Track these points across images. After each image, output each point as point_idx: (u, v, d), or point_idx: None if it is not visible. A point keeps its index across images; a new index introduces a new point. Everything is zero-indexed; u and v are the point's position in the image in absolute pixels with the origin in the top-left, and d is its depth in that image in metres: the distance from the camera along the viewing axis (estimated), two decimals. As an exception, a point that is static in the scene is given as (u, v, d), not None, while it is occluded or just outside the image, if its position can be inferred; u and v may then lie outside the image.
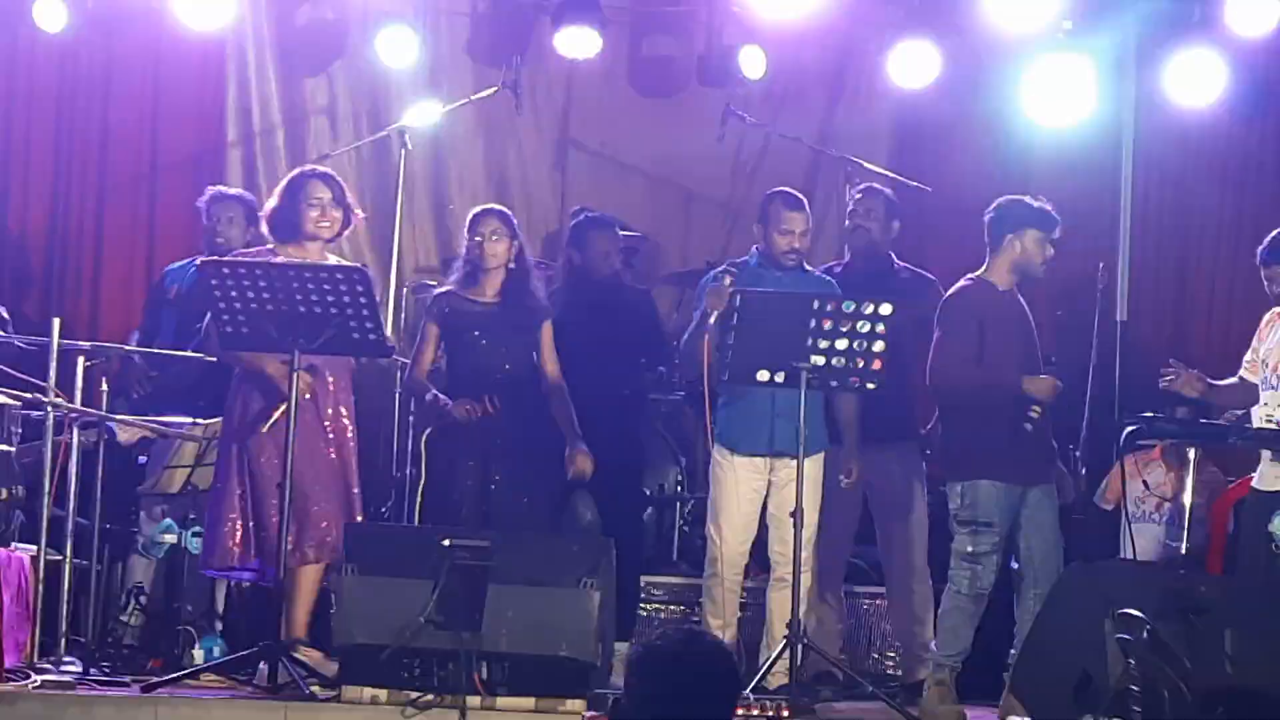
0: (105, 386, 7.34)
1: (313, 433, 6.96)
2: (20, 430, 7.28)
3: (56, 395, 6.94)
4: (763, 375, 7.03)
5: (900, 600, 7.92)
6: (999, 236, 7.36)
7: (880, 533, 7.96)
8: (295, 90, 9.66)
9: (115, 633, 7.63)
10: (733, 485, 7.45)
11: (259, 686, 6.63)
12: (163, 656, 7.34)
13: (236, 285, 6.64)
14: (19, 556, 7.04)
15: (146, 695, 6.51)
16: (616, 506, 7.95)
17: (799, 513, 6.99)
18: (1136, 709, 5.79)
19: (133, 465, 7.86)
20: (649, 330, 8.13)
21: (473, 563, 6.37)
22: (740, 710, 6.40)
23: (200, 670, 6.84)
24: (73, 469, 7.05)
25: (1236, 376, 7.11)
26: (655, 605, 8.36)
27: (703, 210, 9.76)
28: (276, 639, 6.64)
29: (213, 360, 7.35)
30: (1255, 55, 9.35)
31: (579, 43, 9.24)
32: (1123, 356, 8.93)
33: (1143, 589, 6.16)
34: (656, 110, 9.84)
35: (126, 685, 6.75)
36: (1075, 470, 7.74)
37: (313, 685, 6.58)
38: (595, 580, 6.43)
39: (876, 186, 8.21)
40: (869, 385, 7.05)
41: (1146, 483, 8.56)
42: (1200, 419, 7.37)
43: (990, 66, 9.42)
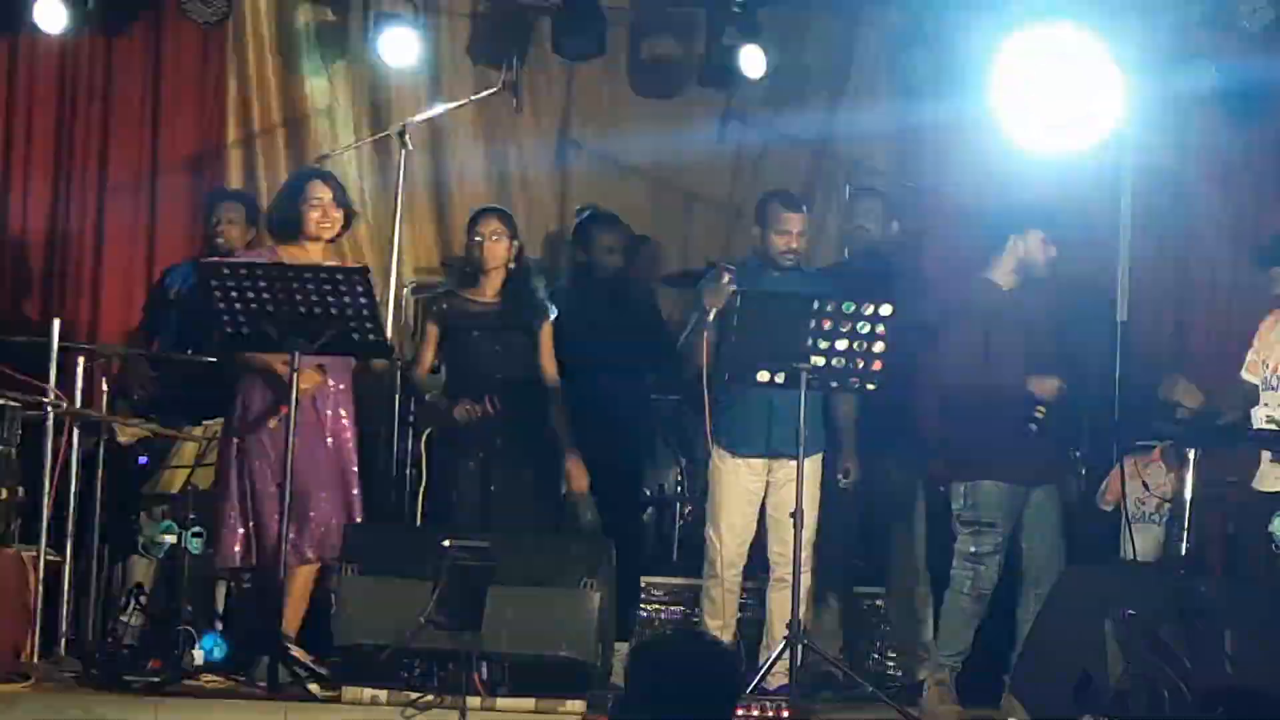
0: (105, 387, 7.34)
1: (312, 433, 6.97)
2: (21, 431, 7.28)
3: (57, 396, 6.94)
4: (763, 375, 7.03)
5: (900, 601, 7.92)
6: (1002, 237, 7.36)
7: (880, 533, 7.96)
8: (296, 90, 9.66)
9: (115, 633, 7.62)
10: (731, 486, 7.45)
11: (259, 686, 6.64)
12: (163, 657, 7.34)
13: (237, 286, 6.65)
14: (19, 557, 7.05)
15: (147, 695, 6.51)
16: (617, 507, 7.95)
17: (799, 513, 6.99)
18: (1137, 709, 5.79)
19: (133, 465, 7.86)
20: (653, 329, 8.13)
21: (473, 563, 6.37)
22: (740, 710, 6.40)
23: (200, 670, 6.84)
24: (73, 470, 7.05)
25: (1236, 380, 7.11)
26: (655, 606, 8.34)
27: (703, 211, 9.74)
28: (277, 639, 6.64)
29: (213, 361, 7.35)
30: (1255, 55, 9.33)
31: (580, 43, 9.24)
32: (1124, 356, 8.92)
33: (1143, 590, 6.17)
34: (657, 111, 9.82)
35: (127, 685, 6.75)
36: (1075, 471, 7.73)
37: (311, 685, 6.59)
38: (595, 581, 6.45)
39: (875, 188, 8.21)
40: (869, 386, 7.05)
41: (1146, 483, 8.55)
42: (1200, 420, 7.38)
43: (990, 67, 9.40)
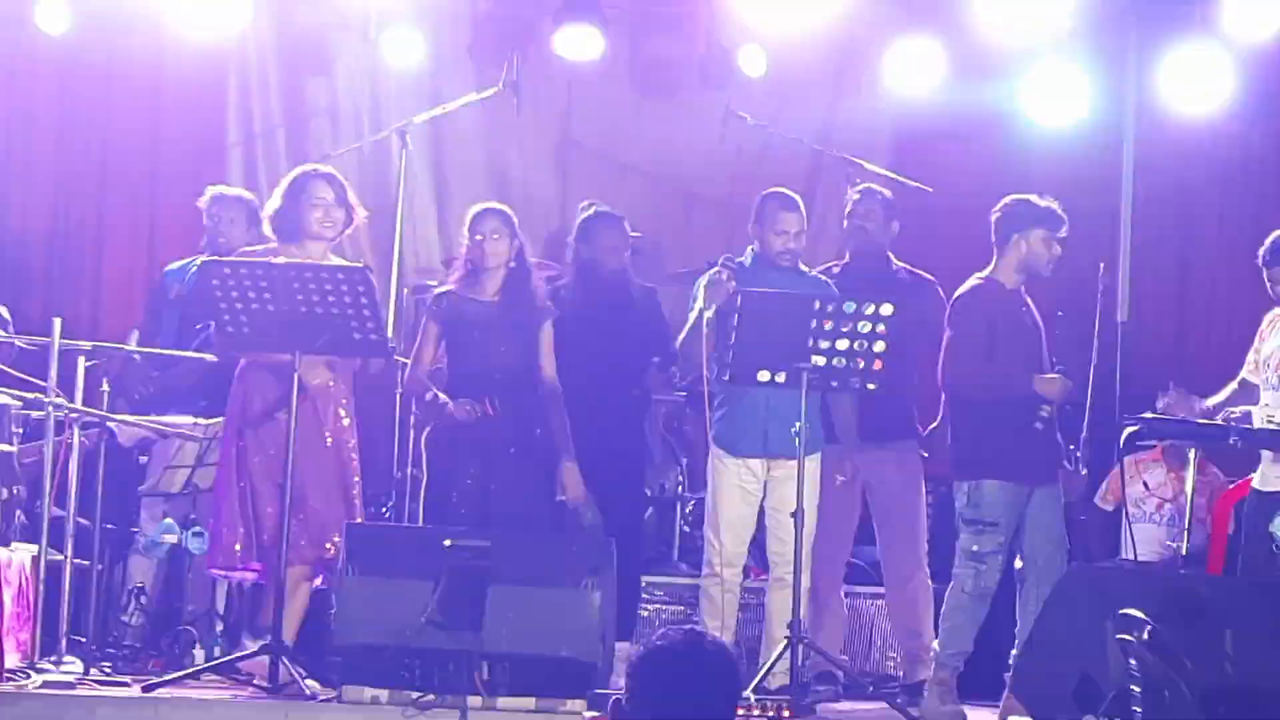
0: (106, 387, 7.34)
1: (313, 432, 6.96)
2: (21, 430, 7.28)
3: (57, 395, 6.94)
4: (763, 375, 7.03)
5: (900, 600, 7.92)
6: (1005, 236, 7.36)
7: (879, 533, 7.96)
8: (296, 90, 9.66)
9: (116, 633, 7.63)
10: (729, 486, 7.45)
11: (260, 687, 6.64)
12: (163, 656, 7.36)
13: (238, 285, 6.65)
14: (20, 556, 7.05)
15: (147, 695, 6.51)
16: (618, 506, 7.95)
17: (799, 513, 6.99)
18: (1137, 709, 5.79)
19: (133, 465, 7.86)
20: (655, 328, 8.12)
21: (473, 563, 6.37)
22: (741, 710, 6.39)
23: (201, 670, 6.84)
24: (73, 469, 7.05)
25: (1237, 379, 7.11)
26: (656, 605, 8.36)
27: (703, 210, 9.75)
28: (278, 639, 6.64)
29: (213, 360, 7.35)
30: (1255, 57, 9.34)
31: (580, 43, 9.24)
32: (1123, 357, 8.93)
33: (1143, 589, 6.15)
34: (657, 110, 9.83)
35: (127, 685, 6.75)
36: (1076, 470, 7.72)
37: (310, 682, 6.60)
38: (596, 580, 6.43)
39: (875, 187, 8.20)
40: (870, 386, 7.05)
41: (1147, 483, 8.57)
42: (1200, 420, 7.37)
43: (991, 67, 9.42)
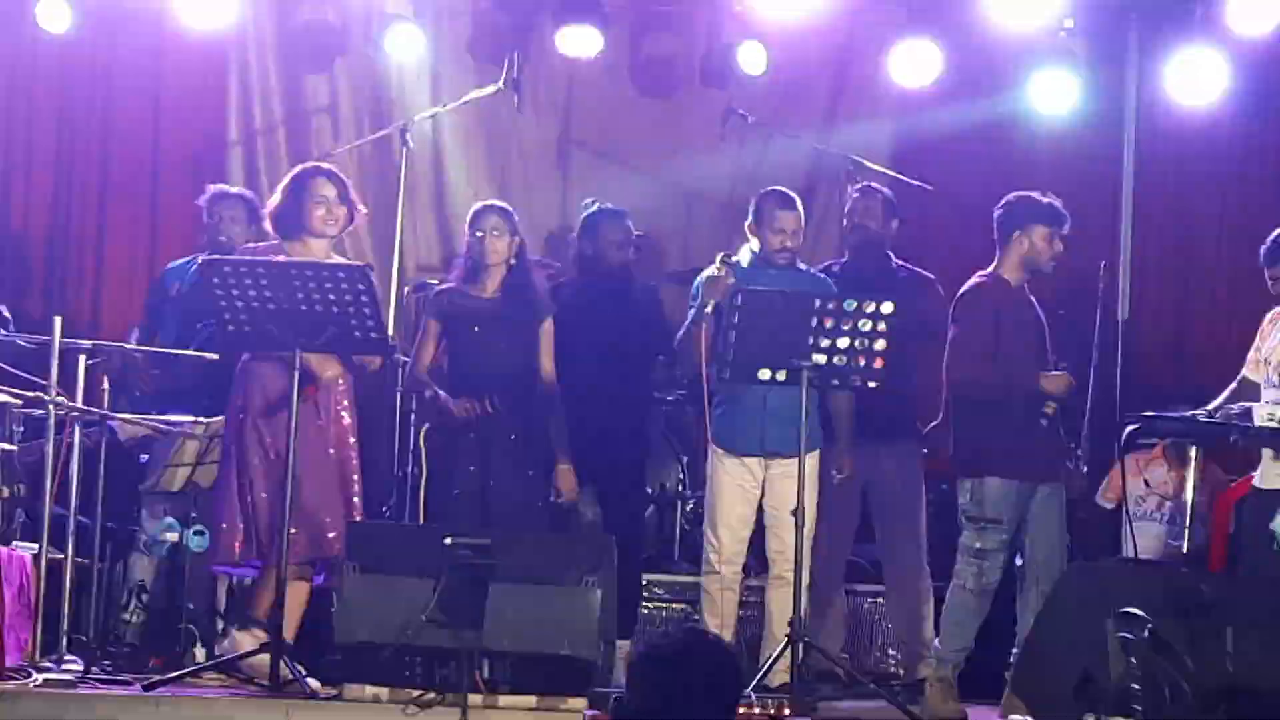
0: (107, 385, 7.34)
1: (313, 429, 6.94)
2: (22, 429, 7.28)
3: (58, 394, 6.94)
4: (764, 374, 7.03)
5: (900, 598, 7.92)
6: (1007, 233, 7.36)
7: (879, 531, 7.96)
8: (297, 89, 9.66)
9: (117, 631, 7.63)
10: (727, 485, 7.45)
11: (261, 685, 6.64)
12: (164, 655, 7.35)
13: (238, 284, 6.65)
14: (21, 555, 7.05)
15: (148, 693, 6.51)
16: (618, 504, 7.95)
17: (800, 511, 6.98)
18: (1138, 708, 5.79)
19: (134, 464, 7.86)
20: (657, 325, 8.12)
21: (474, 561, 6.37)
22: (742, 709, 6.39)
23: (202, 668, 6.84)
24: (74, 467, 7.05)
25: (1238, 378, 7.10)
26: (657, 603, 8.36)
27: (704, 209, 9.74)
28: (278, 637, 6.64)
29: (214, 358, 7.35)
30: (1256, 54, 9.34)
31: (580, 41, 9.24)
32: (1124, 355, 8.93)
33: (1144, 587, 6.15)
34: (658, 109, 9.82)
35: (128, 683, 6.74)
36: (1077, 468, 7.72)
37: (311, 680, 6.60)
38: (597, 578, 6.43)
39: (875, 185, 8.20)
40: (871, 384, 7.04)
41: (1148, 481, 8.56)
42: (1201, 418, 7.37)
43: (991, 65, 9.42)
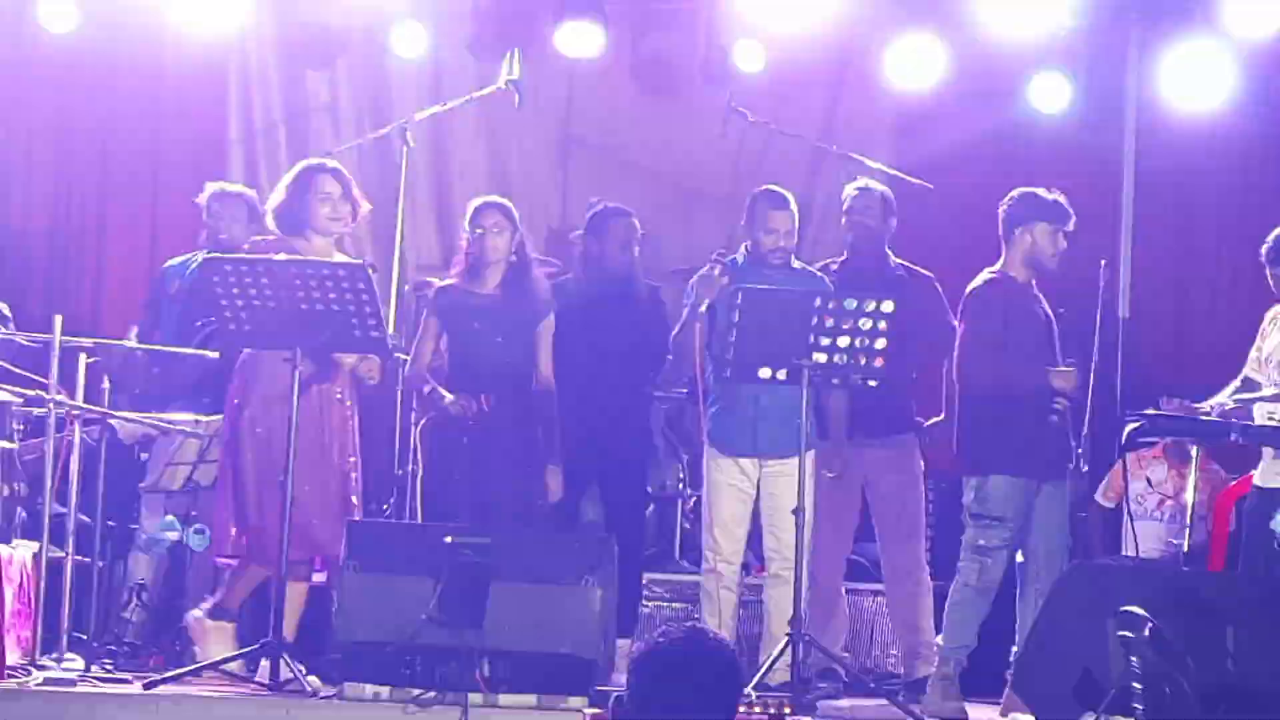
0: (107, 384, 7.34)
1: (314, 428, 6.93)
2: (22, 427, 7.29)
3: (58, 392, 6.94)
4: (765, 372, 7.02)
5: (900, 597, 7.91)
6: (1010, 230, 7.35)
7: (879, 529, 7.95)
8: (297, 87, 9.66)
9: (117, 629, 7.63)
10: (723, 485, 7.45)
11: (260, 684, 6.64)
12: (164, 653, 7.35)
13: (238, 282, 6.64)
14: (21, 553, 7.05)
15: (148, 692, 6.51)
16: (619, 503, 7.95)
17: (800, 510, 6.98)
18: (1138, 707, 5.79)
19: (134, 462, 7.86)
20: (660, 325, 8.12)
21: (474, 560, 6.37)
22: (742, 708, 6.39)
23: (202, 667, 6.84)
24: (74, 466, 7.05)
25: (1239, 377, 7.10)
26: (657, 602, 8.36)
27: (704, 207, 9.74)
28: (278, 636, 6.64)
29: (215, 356, 7.35)
30: (1257, 54, 9.33)
31: (581, 40, 9.24)
32: (1125, 353, 8.93)
33: (1145, 586, 6.15)
34: (658, 107, 9.82)
35: (128, 682, 6.76)
36: (1078, 467, 7.73)
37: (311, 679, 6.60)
38: (597, 577, 6.43)
39: (873, 184, 8.20)
40: (871, 383, 7.04)
41: (1149, 480, 8.56)
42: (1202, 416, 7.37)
43: (992, 64, 9.41)
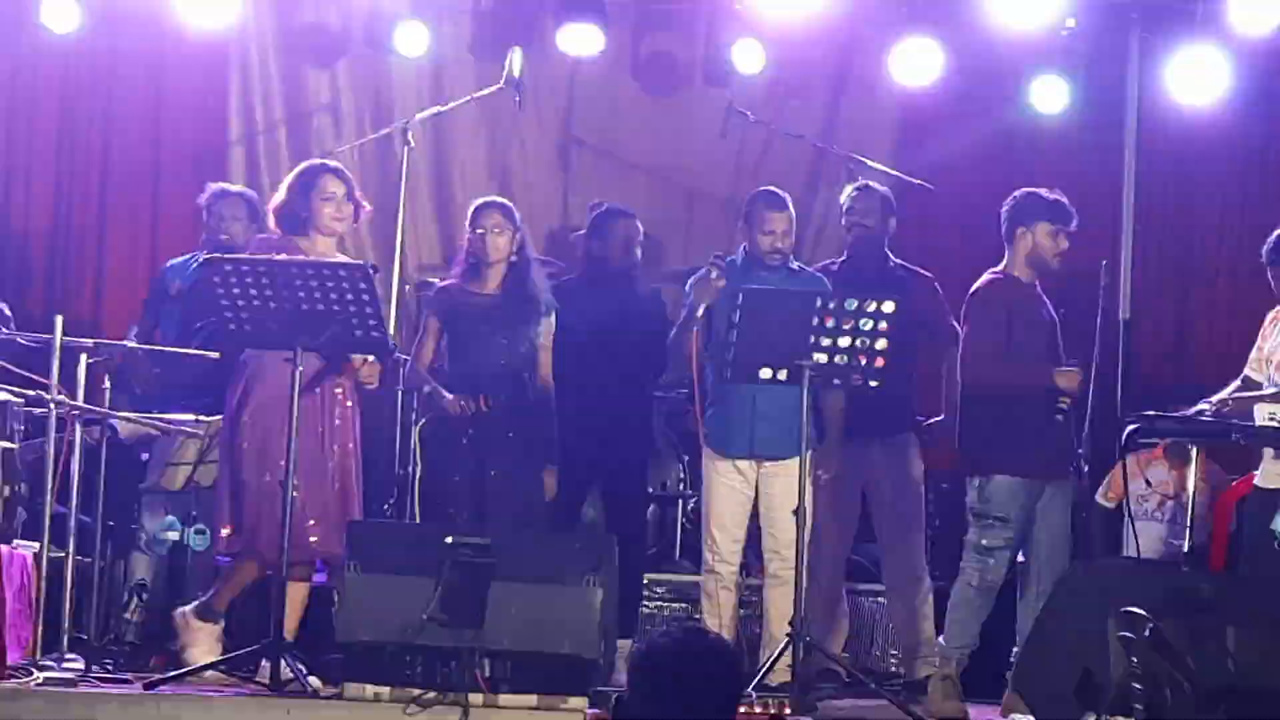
0: (108, 384, 7.34)
1: (315, 427, 6.93)
2: (23, 427, 7.28)
3: (59, 392, 6.94)
4: (765, 373, 7.03)
5: (900, 597, 7.91)
6: (1012, 230, 7.35)
7: (879, 529, 7.96)
8: (298, 87, 9.66)
9: (118, 630, 7.63)
10: (720, 486, 7.46)
11: (261, 684, 6.64)
12: (165, 653, 7.35)
13: (239, 282, 6.64)
14: (21, 554, 7.05)
15: (149, 692, 6.51)
16: (620, 503, 7.95)
17: (801, 510, 6.98)
18: (1138, 707, 5.78)
19: (135, 462, 7.86)
20: (659, 325, 8.12)
21: (475, 560, 6.37)
22: (743, 708, 6.39)
23: (203, 668, 6.84)
24: (75, 466, 7.05)
25: (1240, 377, 7.10)
26: (658, 603, 8.36)
27: (705, 208, 9.74)
28: (279, 636, 6.64)
29: (215, 356, 7.35)
30: (1257, 54, 9.33)
31: (581, 40, 9.24)
32: (1125, 354, 8.93)
33: (1145, 587, 6.15)
34: (659, 108, 9.82)
35: (129, 682, 6.75)
36: (1078, 468, 7.72)
37: (312, 679, 6.60)
38: (598, 577, 6.43)
39: (872, 184, 8.20)
40: (872, 383, 7.03)
41: (1149, 480, 8.55)
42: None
43: (993, 64, 9.42)
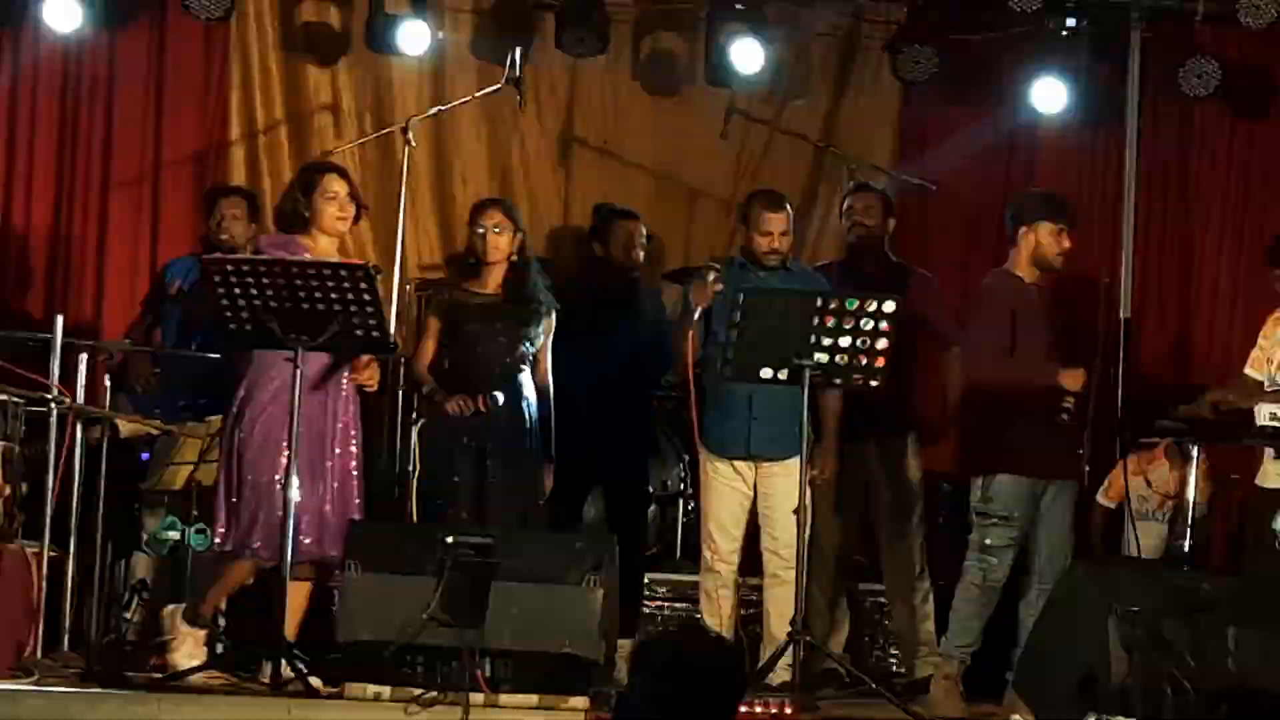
0: (109, 383, 7.34)
1: (316, 427, 6.92)
2: (24, 427, 7.28)
3: (60, 392, 6.94)
4: (766, 372, 7.03)
5: (900, 598, 7.91)
6: (1014, 229, 7.36)
7: (879, 529, 7.95)
8: (298, 86, 9.65)
9: (118, 629, 7.63)
10: (718, 487, 7.45)
11: (262, 683, 6.63)
12: (165, 653, 7.34)
13: (240, 282, 6.64)
14: (22, 553, 7.05)
15: (149, 692, 6.51)
16: (621, 503, 7.95)
17: (802, 510, 6.98)
18: (1139, 707, 5.79)
19: (136, 462, 7.86)
20: (660, 326, 8.12)
21: (476, 559, 6.37)
22: (744, 708, 6.40)
23: (203, 667, 6.83)
24: (76, 465, 7.05)
25: (1240, 376, 7.10)
26: (659, 602, 8.35)
27: (706, 208, 9.73)
28: (280, 636, 6.63)
29: (216, 356, 7.35)
30: (1259, 53, 9.33)
31: (583, 40, 9.23)
32: (1126, 354, 8.92)
33: (1146, 587, 6.16)
34: (660, 107, 9.81)
35: (129, 682, 6.75)
36: (1080, 467, 7.72)
37: (313, 679, 6.60)
38: (598, 577, 6.43)
39: (872, 184, 8.20)
40: (873, 382, 7.03)
41: (1150, 480, 8.56)
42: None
43: (993, 64, 9.41)
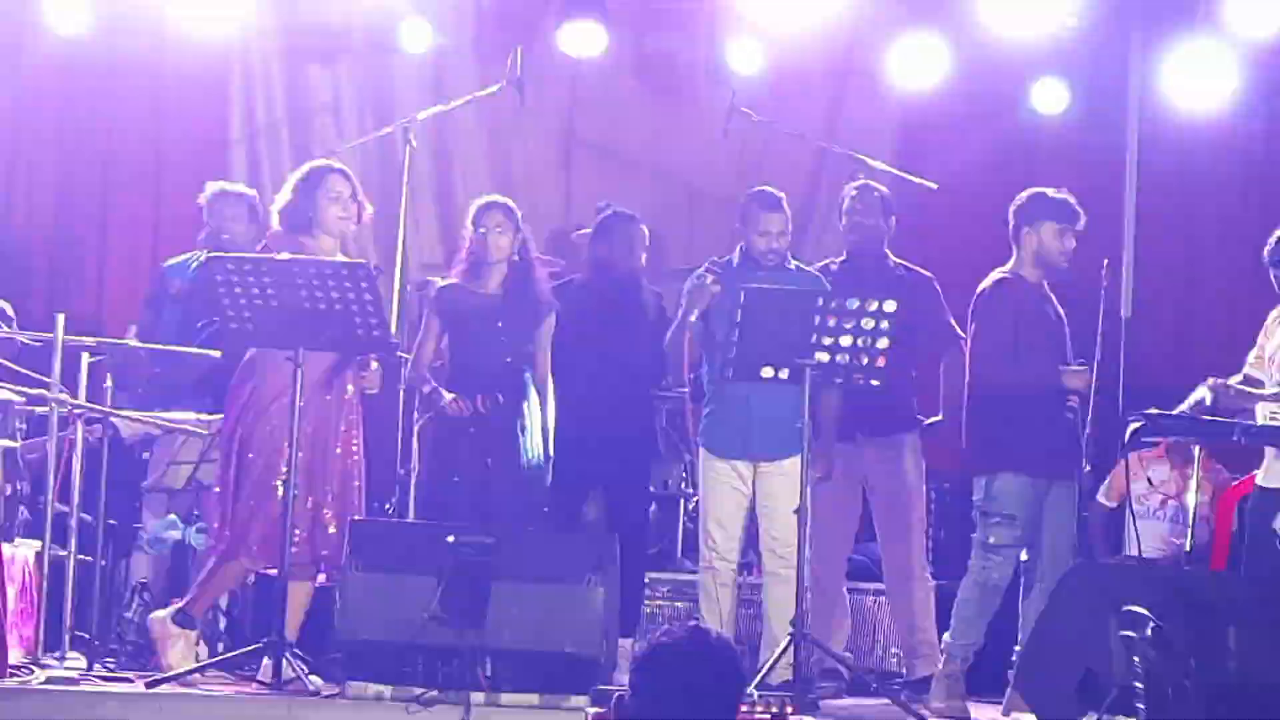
0: (110, 383, 7.34)
1: (317, 428, 6.93)
2: (25, 426, 7.29)
3: (60, 391, 6.95)
4: (767, 372, 7.03)
5: (901, 597, 7.91)
6: (1018, 230, 7.35)
7: (879, 528, 7.95)
8: (299, 86, 9.66)
9: (119, 628, 7.63)
10: (717, 486, 7.44)
11: (263, 683, 6.64)
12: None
13: (241, 281, 6.64)
14: (23, 553, 7.06)
15: (150, 691, 6.51)
16: (622, 502, 7.95)
17: (802, 509, 6.98)
18: (1140, 707, 5.79)
19: (136, 461, 7.86)
20: (662, 330, 8.12)
21: (477, 559, 6.37)
22: (744, 707, 6.39)
23: (204, 667, 6.84)
24: (77, 465, 7.05)
25: (1240, 375, 7.10)
26: (660, 602, 8.36)
27: (706, 207, 9.74)
28: (280, 635, 6.64)
29: (217, 355, 7.35)
30: (1260, 52, 9.33)
31: (583, 39, 9.24)
32: (1127, 353, 8.93)
33: (1147, 586, 6.15)
34: (661, 107, 9.82)
35: (130, 681, 6.75)
36: (1082, 467, 7.72)
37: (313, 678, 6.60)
38: (599, 577, 6.43)
39: (872, 183, 8.19)
40: (874, 382, 7.03)
41: (1151, 480, 8.55)
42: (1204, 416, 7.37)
43: (994, 62, 9.42)
